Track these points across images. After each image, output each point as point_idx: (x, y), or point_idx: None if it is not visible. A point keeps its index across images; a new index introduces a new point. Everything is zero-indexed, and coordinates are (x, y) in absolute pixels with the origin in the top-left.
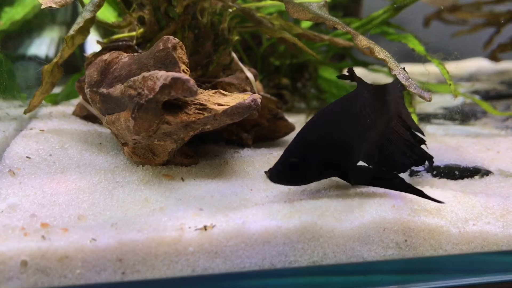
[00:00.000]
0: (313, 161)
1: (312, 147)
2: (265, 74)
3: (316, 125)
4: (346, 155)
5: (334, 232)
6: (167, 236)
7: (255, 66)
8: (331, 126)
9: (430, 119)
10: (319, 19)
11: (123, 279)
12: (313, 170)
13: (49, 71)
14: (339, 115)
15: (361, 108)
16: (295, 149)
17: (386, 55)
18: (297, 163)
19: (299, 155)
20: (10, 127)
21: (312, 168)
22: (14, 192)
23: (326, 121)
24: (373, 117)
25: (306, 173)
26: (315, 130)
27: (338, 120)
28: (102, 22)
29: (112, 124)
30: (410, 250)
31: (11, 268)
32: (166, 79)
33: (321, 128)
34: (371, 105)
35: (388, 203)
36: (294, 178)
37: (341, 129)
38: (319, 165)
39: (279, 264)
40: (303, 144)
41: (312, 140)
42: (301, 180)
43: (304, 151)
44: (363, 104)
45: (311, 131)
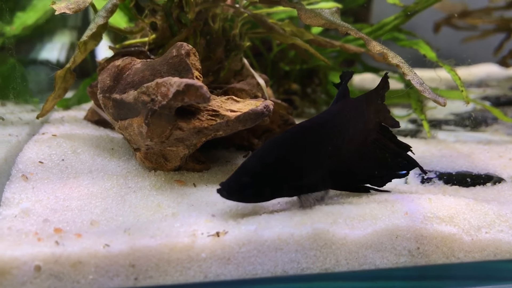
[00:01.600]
0: (266, 181)
1: (267, 168)
2: (275, 80)
3: (275, 147)
4: (301, 179)
5: (347, 239)
6: (179, 242)
7: (265, 71)
8: (290, 149)
9: (440, 126)
10: (331, 25)
11: (135, 285)
12: (266, 190)
13: (62, 76)
14: (302, 138)
15: (331, 130)
16: (250, 167)
17: (399, 61)
18: (250, 182)
19: (253, 174)
20: (23, 131)
21: (265, 188)
22: (27, 197)
23: (286, 143)
24: (344, 136)
25: (258, 192)
26: (273, 152)
27: (299, 144)
28: (114, 28)
29: (125, 130)
30: (423, 257)
31: (25, 273)
32: (179, 85)
33: (279, 150)
34: (344, 125)
35: (401, 211)
36: (246, 196)
37: (300, 153)
38: (273, 186)
39: (291, 271)
40: (259, 163)
41: (269, 161)
42: (252, 199)
43: (259, 171)
44: (335, 126)
45: (269, 152)
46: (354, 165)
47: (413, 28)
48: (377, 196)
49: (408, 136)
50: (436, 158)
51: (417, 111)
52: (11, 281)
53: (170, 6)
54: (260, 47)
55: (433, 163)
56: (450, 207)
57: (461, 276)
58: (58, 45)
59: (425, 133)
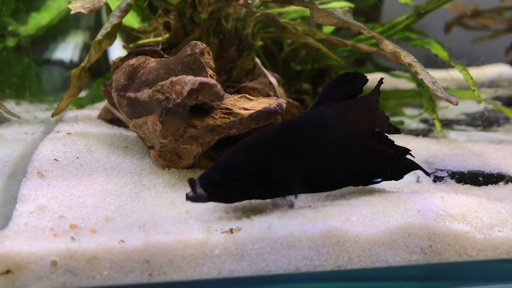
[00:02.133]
0: (237, 181)
1: (238, 167)
2: (286, 79)
3: (247, 146)
4: (271, 181)
5: (360, 236)
6: (194, 238)
7: (276, 71)
8: (261, 150)
9: (452, 125)
10: (344, 24)
11: (150, 281)
12: (236, 190)
13: (76, 75)
14: (274, 139)
15: (305, 135)
16: (221, 166)
17: (412, 59)
18: (220, 180)
19: (223, 173)
20: (38, 130)
21: (235, 187)
22: (42, 194)
23: (257, 144)
24: (321, 142)
25: (228, 191)
26: (244, 151)
27: (271, 145)
28: (128, 28)
29: (139, 128)
30: (435, 255)
31: (41, 268)
32: (194, 83)
33: (250, 150)
34: (321, 130)
35: (414, 209)
36: (215, 194)
37: (271, 155)
38: (243, 186)
39: (304, 268)
40: (230, 162)
41: (240, 161)
42: (222, 198)
43: (230, 170)
44: (309, 130)
45: (241, 151)
46: (334, 171)
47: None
48: (390, 194)
49: (420, 136)
50: (448, 157)
51: (429, 111)
52: (28, 276)
53: (183, 5)
54: (272, 46)
55: (445, 162)
56: (462, 206)
57: (473, 274)
58: (72, 45)
59: (436, 132)
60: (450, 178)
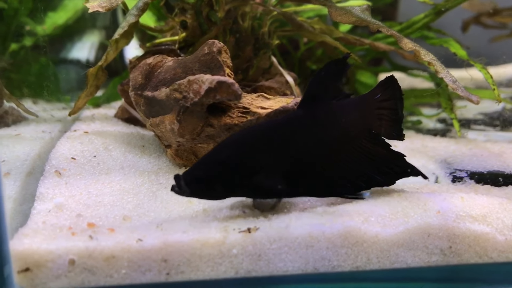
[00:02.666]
0: (219, 178)
1: (220, 164)
2: (302, 78)
3: (229, 143)
4: (254, 179)
5: (378, 237)
6: (211, 237)
7: (292, 70)
8: (243, 147)
9: (470, 125)
10: (362, 23)
11: (167, 280)
12: (218, 187)
13: (93, 74)
14: (257, 137)
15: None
16: (204, 163)
17: (432, 58)
18: (202, 177)
19: (206, 170)
20: (55, 128)
21: (218, 185)
22: (60, 192)
23: (240, 141)
24: (307, 142)
25: (211, 188)
26: (226, 148)
27: (254, 143)
28: (145, 27)
29: (156, 127)
30: (455, 256)
31: (59, 266)
32: (211, 82)
33: (232, 147)
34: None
35: (433, 209)
36: (198, 191)
37: (254, 153)
38: (225, 184)
39: (322, 268)
40: (212, 159)
41: (222, 159)
42: (204, 194)
43: (211, 167)
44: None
45: (223, 148)
46: (323, 172)
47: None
48: (409, 194)
49: (438, 135)
50: (467, 157)
51: (447, 110)
52: (47, 274)
53: (200, 4)
54: (287, 45)
55: (464, 162)
56: (483, 206)
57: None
58: (88, 44)
59: (454, 132)
60: (469, 178)
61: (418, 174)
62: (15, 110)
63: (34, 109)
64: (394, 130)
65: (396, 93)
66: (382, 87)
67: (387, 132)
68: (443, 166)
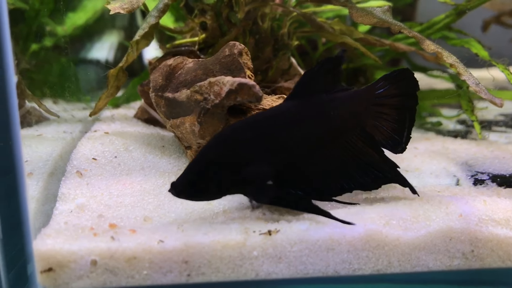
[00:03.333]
0: (211, 179)
1: (211, 165)
2: None
3: (215, 142)
4: (245, 175)
5: (400, 240)
6: (232, 239)
7: None
8: (229, 144)
9: (491, 127)
10: (384, 24)
11: (188, 281)
12: (211, 187)
13: (114, 75)
14: (241, 133)
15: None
16: (194, 165)
17: (454, 60)
18: (195, 179)
19: (197, 172)
20: (76, 129)
21: (211, 185)
22: (82, 193)
23: (225, 139)
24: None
25: (205, 189)
26: (213, 147)
27: (238, 139)
28: (166, 28)
29: (177, 128)
30: (477, 260)
31: (81, 267)
32: (232, 84)
33: (218, 145)
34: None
35: (455, 213)
36: (193, 194)
37: (239, 149)
38: (217, 183)
39: (342, 271)
40: (202, 160)
41: (211, 158)
42: (200, 196)
43: (202, 168)
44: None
45: (211, 148)
46: (309, 168)
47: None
48: (431, 197)
49: (458, 137)
50: (489, 159)
51: (468, 112)
52: (69, 274)
53: (220, 5)
54: (306, 46)
55: (486, 165)
56: (506, 210)
57: None
58: (107, 45)
59: (475, 134)
60: (491, 181)
61: (406, 185)
62: (36, 111)
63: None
64: (395, 135)
65: (404, 90)
66: (386, 81)
67: (384, 135)
68: (464, 168)
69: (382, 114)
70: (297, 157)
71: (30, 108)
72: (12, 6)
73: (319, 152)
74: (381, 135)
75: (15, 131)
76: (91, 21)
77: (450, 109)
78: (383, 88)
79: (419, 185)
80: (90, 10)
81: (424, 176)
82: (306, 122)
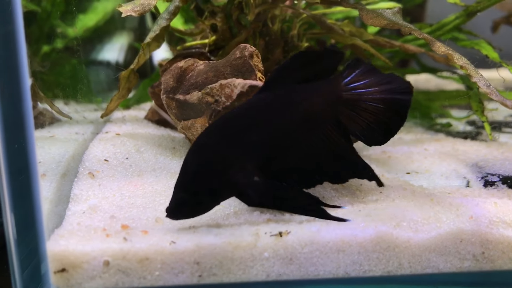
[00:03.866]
0: (201, 190)
1: (196, 177)
2: None
3: (192, 153)
4: (230, 176)
5: (410, 242)
6: (243, 240)
7: None
8: (204, 151)
9: (501, 128)
10: (394, 26)
11: (199, 282)
12: (204, 199)
13: (125, 77)
14: (217, 136)
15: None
16: (180, 183)
17: (465, 62)
18: (186, 197)
19: (186, 189)
20: (88, 130)
21: (203, 197)
22: (94, 194)
23: (199, 147)
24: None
25: (200, 203)
26: (192, 159)
27: (210, 143)
28: (176, 30)
29: (188, 130)
30: (488, 262)
31: (94, 268)
32: (243, 86)
33: (196, 155)
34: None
35: (466, 214)
36: (189, 211)
37: (219, 151)
38: (207, 192)
39: (353, 273)
40: (187, 176)
41: (194, 170)
42: (196, 211)
43: (190, 183)
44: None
45: (190, 161)
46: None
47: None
48: (441, 199)
49: (468, 138)
50: (499, 161)
51: (478, 113)
52: (82, 275)
53: (230, 8)
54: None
55: (496, 166)
56: None
57: None
58: (117, 46)
59: (485, 135)
60: (501, 183)
61: (373, 179)
62: (48, 112)
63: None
64: (372, 125)
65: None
66: (352, 69)
67: (361, 126)
68: (474, 170)
69: (359, 103)
70: (274, 150)
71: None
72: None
73: (294, 144)
74: (357, 125)
75: (29, 132)
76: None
77: (459, 110)
78: (348, 76)
79: (429, 186)
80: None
81: (434, 178)
82: (277, 113)
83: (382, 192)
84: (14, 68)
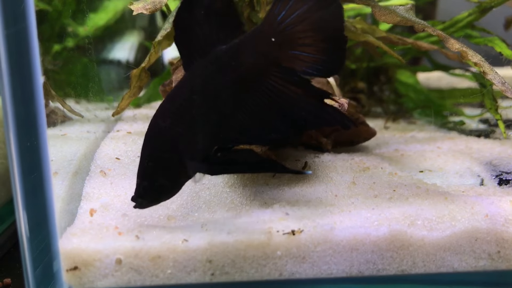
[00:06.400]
0: (158, 175)
1: (150, 161)
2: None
3: (145, 140)
4: (182, 158)
5: (424, 241)
6: (255, 239)
7: None
8: (156, 135)
9: None
10: (407, 22)
11: (212, 280)
12: (164, 183)
13: (137, 75)
14: (164, 116)
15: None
16: (140, 171)
17: (479, 59)
18: (147, 184)
19: (144, 175)
20: (99, 128)
21: (163, 180)
22: (106, 192)
23: (151, 133)
24: (212, 92)
25: (161, 187)
26: (147, 144)
27: (162, 124)
28: None
29: None
30: (503, 261)
31: (106, 266)
32: None
33: (149, 142)
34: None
35: (481, 213)
36: (155, 197)
37: (167, 133)
38: (165, 176)
39: (366, 271)
40: (142, 162)
41: (147, 154)
42: (162, 195)
43: (145, 171)
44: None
45: (144, 147)
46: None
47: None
48: (456, 197)
49: (482, 137)
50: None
51: (492, 111)
52: (94, 273)
53: (241, 5)
54: None
55: (510, 165)
56: None
57: None
58: (128, 45)
59: (499, 133)
60: None
61: (344, 122)
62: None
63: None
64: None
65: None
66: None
67: (308, 61)
68: (488, 168)
69: (296, 40)
70: (221, 118)
71: (54, 108)
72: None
73: (239, 107)
74: (304, 63)
75: (42, 131)
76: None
77: (472, 108)
78: (282, 11)
79: (443, 185)
80: (111, 10)
81: (448, 176)
82: (212, 81)
83: (396, 190)
84: (27, 66)
